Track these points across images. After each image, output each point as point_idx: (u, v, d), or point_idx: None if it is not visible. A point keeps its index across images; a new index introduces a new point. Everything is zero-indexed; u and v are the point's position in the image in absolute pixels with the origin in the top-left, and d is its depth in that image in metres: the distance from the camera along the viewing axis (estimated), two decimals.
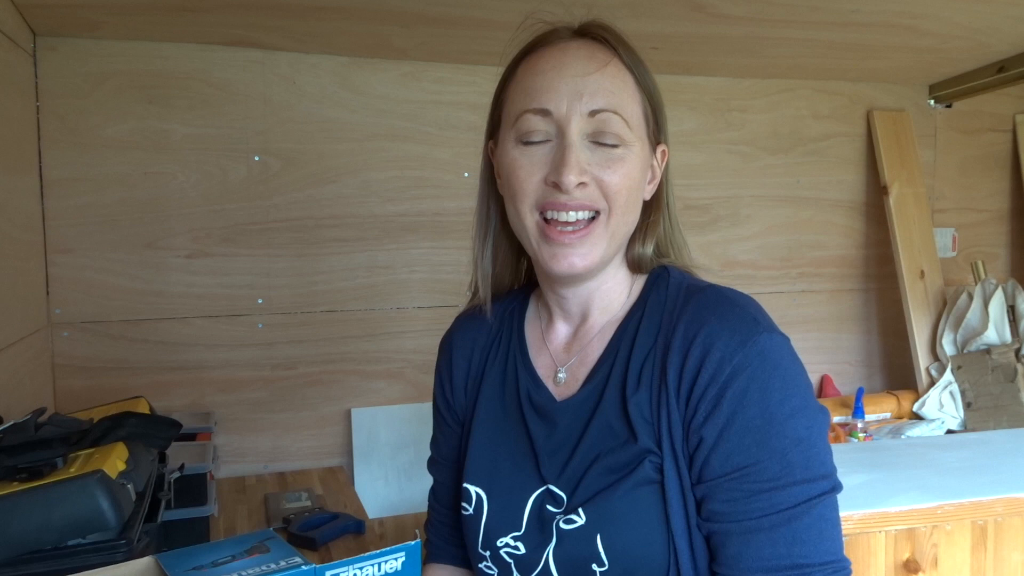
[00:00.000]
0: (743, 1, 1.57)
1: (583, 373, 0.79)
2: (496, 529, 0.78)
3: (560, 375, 0.81)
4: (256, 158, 1.89)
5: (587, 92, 0.73)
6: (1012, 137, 2.59)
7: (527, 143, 0.75)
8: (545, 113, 0.73)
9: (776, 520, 0.66)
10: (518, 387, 0.83)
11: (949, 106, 2.49)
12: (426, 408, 2.04)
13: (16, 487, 0.86)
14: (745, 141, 2.31)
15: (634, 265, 0.81)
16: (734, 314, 0.71)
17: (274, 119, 1.90)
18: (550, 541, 0.74)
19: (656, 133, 0.79)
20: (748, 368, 0.68)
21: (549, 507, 0.75)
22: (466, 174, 2.05)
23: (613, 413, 0.74)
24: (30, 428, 0.98)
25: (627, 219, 0.76)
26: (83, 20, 1.62)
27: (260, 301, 1.92)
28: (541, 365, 0.84)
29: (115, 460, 0.94)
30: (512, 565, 0.77)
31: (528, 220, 0.75)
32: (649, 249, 0.81)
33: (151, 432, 1.07)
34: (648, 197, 0.81)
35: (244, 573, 0.72)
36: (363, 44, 1.85)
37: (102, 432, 1.00)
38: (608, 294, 0.81)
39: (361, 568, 0.73)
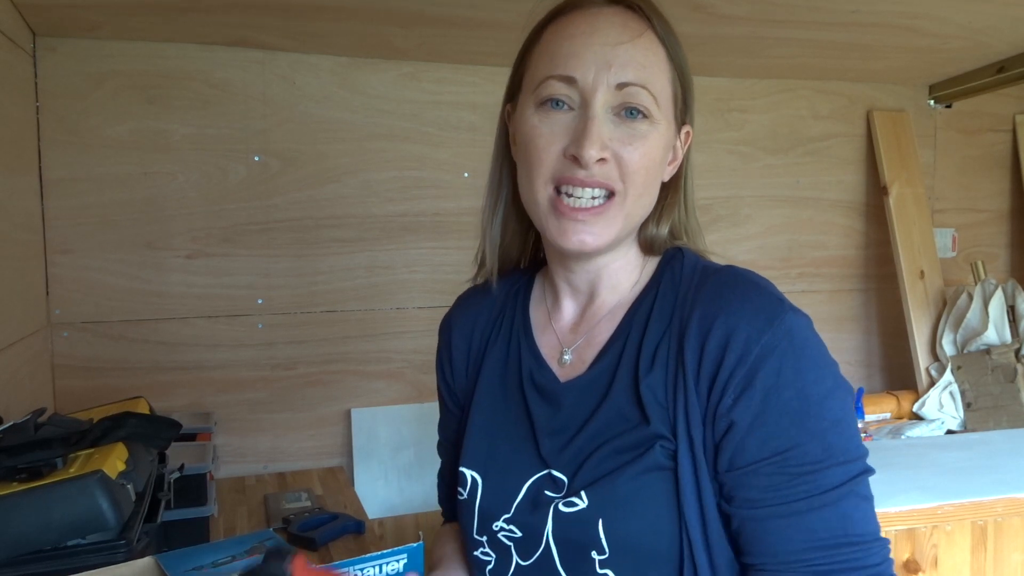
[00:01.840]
0: (743, 1, 1.57)
1: (590, 355, 0.76)
2: (491, 513, 0.76)
3: (566, 356, 0.78)
4: (256, 158, 1.89)
5: (617, 63, 0.69)
6: (1012, 137, 2.58)
7: (548, 109, 0.71)
8: (570, 81, 0.70)
9: (823, 500, 0.64)
10: (520, 368, 0.80)
11: (949, 106, 2.49)
12: (426, 408, 2.05)
13: (16, 487, 0.86)
14: (745, 141, 2.31)
15: (646, 246, 0.79)
16: (756, 293, 0.69)
17: (274, 119, 1.90)
18: (545, 524, 0.71)
19: (683, 113, 0.76)
20: (777, 348, 0.65)
21: (547, 492, 0.73)
22: (466, 174, 2.05)
23: (624, 396, 0.71)
24: (30, 428, 0.98)
25: (644, 200, 0.74)
26: (83, 20, 1.62)
27: (260, 301, 1.92)
28: (546, 346, 0.81)
29: (115, 460, 0.94)
30: (512, 548, 0.75)
31: (541, 193, 0.72)
32: (664, 231, 0.78)
33: (151, 432, 1.07)
34: (667, 179, 0.77)
35: None
36: (363, 44, 1.85)
37: (102, 432, 1.00)
38: (617, 273, 0.78)
39: (362, 569, 0.73)
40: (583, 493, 0.69)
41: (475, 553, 0.78)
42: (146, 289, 1.83)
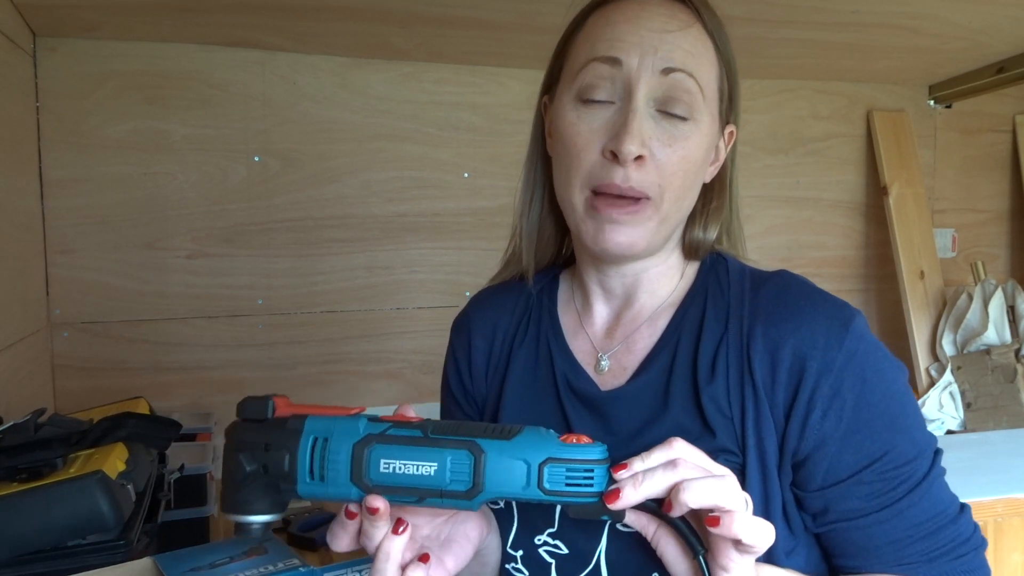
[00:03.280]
0: (743, 1, 1.57)
1: (632, 362, 0.73)
2: (533, 525, 0.71)
3: (603, 362, 0.74)
4: (256, 158, 1.89)
5: (663, 48, 0.66)
6: (1012, 138, 2.58)
7: (588, 101, 0.68)
8: (614, 62, 0.66)
9: (920, 493, 0.64)
10: (554, 373, 0.75)
11: (949, 106, 2.49)
12: (426, 408, 2.03)
13: (16, 487, 0.86)
14: (745, 141, 2.31)
15: (691, 250, 0.76)
16: (823, 300, 0.67)
17: (274, 119, 1.90)
18: (598, 543, 0.67)
19: (728, 111, 0.74)
20: (858, 352, 0.64)
21: None
22: (466, 174, 2.05)
23: (682, 407, 0.68)
24: (30, 428, 0.98)
25: (681, 203, 0.70)
26: (83, 20, 1.62)
27: (260, 302, 1.92)
28: (579, 350, 0.76)
29: (115, 460, 0.94)
30: (552, 566, 0.70)
31: (577, 197, 0.69)
32: (712, 235, 0.75)
33: (151, 432, 1.07)
34: (708, 180, 0.74)
35: (242, 575, 0.72)
36: (363, 44, 1.85)
37: (102, 432, 1.00)
38: (658, 278, 0.75)
39: (360, 571, 0.73)
40: None
41: (506, 566, 0.74)
42: (146, 289, 1.83)
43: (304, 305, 1.96)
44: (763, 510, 0.65)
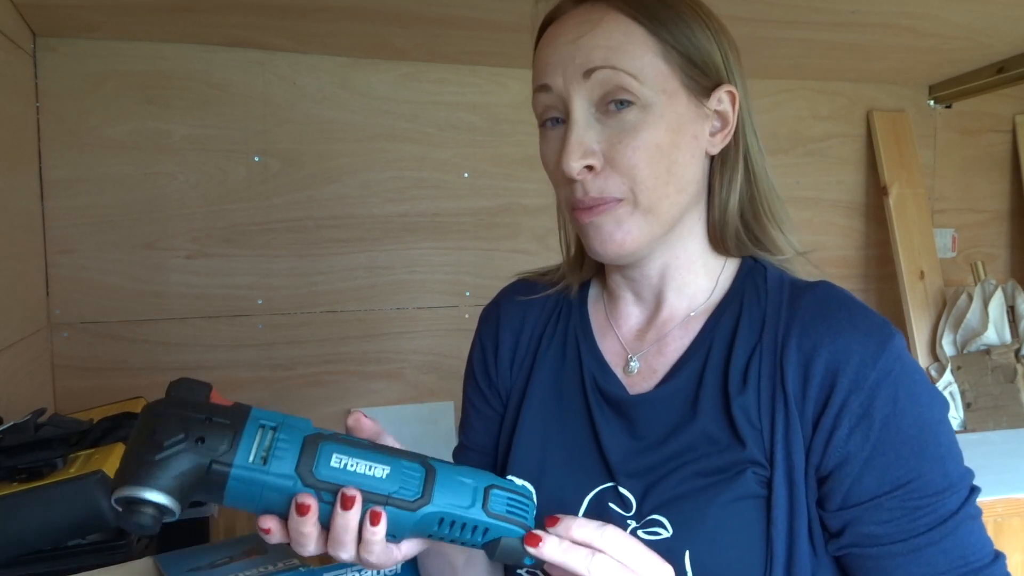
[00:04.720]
0: (743, 1, 1.57)
1: (663, 365, 0.71)
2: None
3: (632, 363, 0.73)
4: (256, 159, 1.89)
5: (579, 55, 0.65)
6: (1012, 138, 2.58)
7: (544, 124, 0.70)
8: (546, 89, 0.68)
9: (942, 532, 0.61)
10: (581, 372, 0.74)
11: (949, 107, 2.49)
12: (426, 409, 2.05)
13: (16, 487, 0.87)
14: None
15: (717, 236, 0.72)
16: (862, 314, 0.65)
17: (274, 119, 1.90)
18: None
19: (702, 78, 0.69)
20: (892, 373, 0.62)
21: (613, 506, 0.67)
22: (466, 174, 2.05)
23: (712, 416, 0.66)
24: (30, 428, 0.98)
25: (664, 190, 0.67)
26: (83, 20, 1.62)
27: (260, 302, 1.92)
28: (608, 351, 0.75)
29: (115, 460, 0.94)
30: None
31: (567, 214, 0.71)
32: (731, 207, 0.72)
33: None
34: (715, 151, 0.71)
35: (242, 574, 0.72)
36: (363, 44, 1.85)
37: (102, 432, 1.00)
38: (685, 273, 0.73)
39: (360, 571, 0.73)
40: (666, 521, 0.64)
41: (518, 571, 0.73)
42: (146, 289, 1.83)
43: (304, 305, 1.96)
44: (788, 527, 0.63)
